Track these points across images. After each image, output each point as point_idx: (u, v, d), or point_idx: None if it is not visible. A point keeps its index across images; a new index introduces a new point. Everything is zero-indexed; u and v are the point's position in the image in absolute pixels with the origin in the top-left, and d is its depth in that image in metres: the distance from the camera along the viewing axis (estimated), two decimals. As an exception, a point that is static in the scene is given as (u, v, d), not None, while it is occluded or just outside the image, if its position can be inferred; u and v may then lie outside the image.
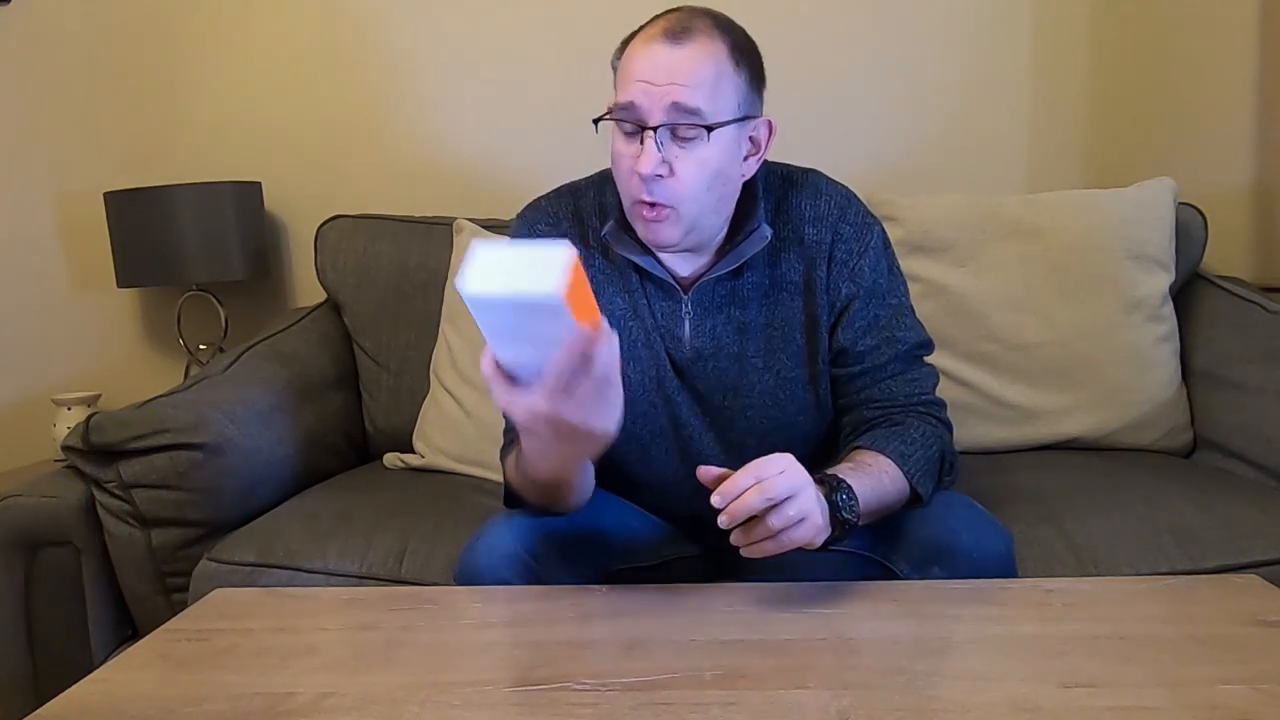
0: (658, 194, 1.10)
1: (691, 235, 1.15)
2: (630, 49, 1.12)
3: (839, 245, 1.20)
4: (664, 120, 1.08)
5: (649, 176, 1.09)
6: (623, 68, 1.12)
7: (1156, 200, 1.74)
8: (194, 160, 2.22)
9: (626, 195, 1.14)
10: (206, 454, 1.54)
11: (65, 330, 2.32)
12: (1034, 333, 1.71)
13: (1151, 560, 1.30)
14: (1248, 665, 0.82)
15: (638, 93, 1.09)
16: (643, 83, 1.08)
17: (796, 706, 0.78)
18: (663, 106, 1.08)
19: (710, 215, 1.15)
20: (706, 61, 1.09)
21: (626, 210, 1.16)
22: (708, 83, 1.08)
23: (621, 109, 1.10)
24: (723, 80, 1.10)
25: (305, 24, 2.20)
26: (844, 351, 1.21)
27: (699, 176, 1.10)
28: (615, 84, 1.15)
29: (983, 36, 2.06)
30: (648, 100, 1.08)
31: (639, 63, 1.10)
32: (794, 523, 0.95)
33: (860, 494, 1.03)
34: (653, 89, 1.08)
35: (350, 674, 0.88)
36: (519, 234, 1.26)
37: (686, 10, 1.13)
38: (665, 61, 1.08)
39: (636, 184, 1.10)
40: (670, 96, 1.07)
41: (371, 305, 1.96)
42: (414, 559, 1.41)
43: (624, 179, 1.13)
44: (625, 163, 1.12)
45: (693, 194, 1.11)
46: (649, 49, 1.09)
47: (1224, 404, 1.65)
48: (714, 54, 1.09)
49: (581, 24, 2.09)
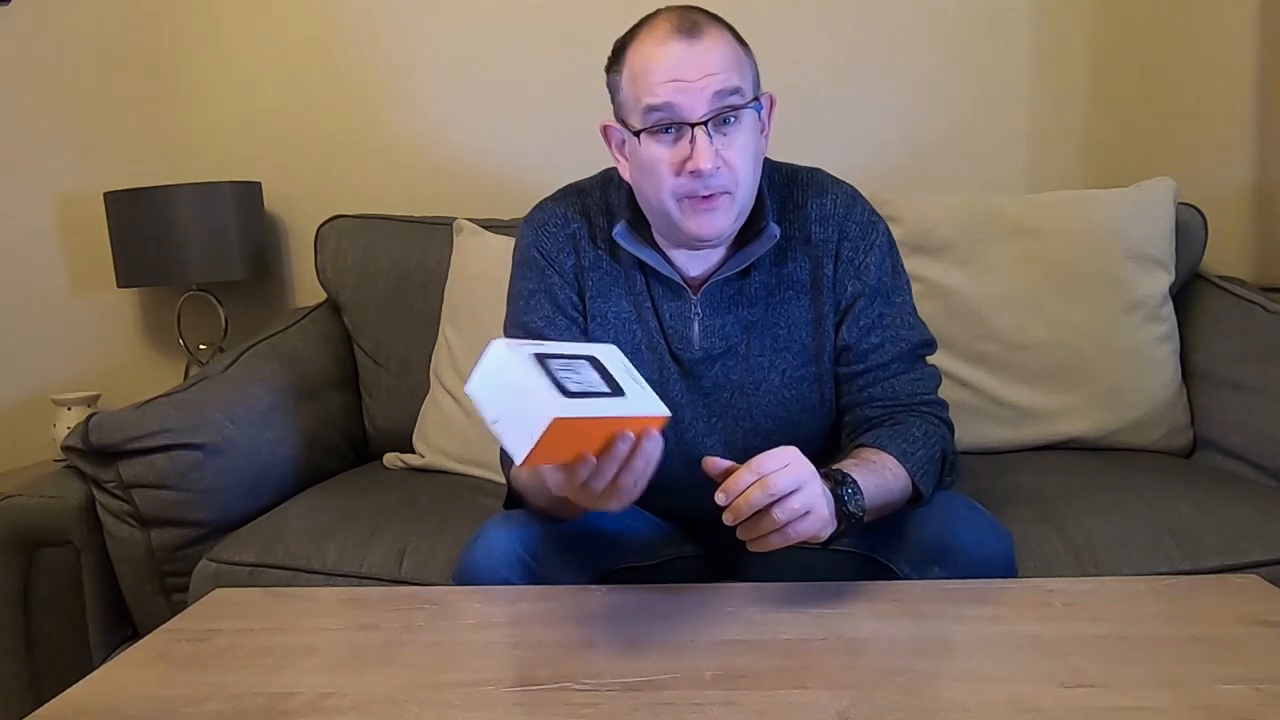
0: (714, 183, 1.10)
1: (738, 220, 1.16)
2: (636, 55, 1.11)
3: (845, 244, 1.20)
4: (709, 110, 1.08)
5: (709, 170, 1.09)
6: (639, 74, 1.11)
7: (1156, 200, 1.74)
8: (194, 160, 2.22)
9: (672, 196, 1.12)
10: (206, 454, 1.54)
11: (65, 330, 2.32)
12: (1034, 333, 1.71)
13: (1151, 560, 1.30)
14: (1248, 665, 0.82)
15: (672, 92, 1.08)
16: (675, 82, 1.08)
17: (796, 706, 0.78)
18: (704, 99, 1.08)
19: (752, 196, 1.16)
20: (727, 47, 1.11)
21: (669, 212, 1.13)
22: (735, 65, 1.11)
23: (657, 112, 1.09)
24: (743, 61, 1.13)
25: (305, 24, 2.20)
26: (848, 349, 1.21)
27: (745, 157, 1.12)
28: (624, 96, 1.14)
29: (983, 36, 2.06)
30: (685, 98, 1.08)
31: (661, 65, 1.09)
32: (799, 516, 0.94)
33: (865, 489, 1.03)
34: (689, 85, 1.08)
35: (350, 674, 0.88)
36: (528, 236, 1.26)
37: (680, 9, 1.13)
38: (692, 57, 1.08)
39: (687, 183, 1.10)
40: (710, 87, 1.08)
41: (371, 305, 1.96)
42: (414, 559, 1.41)
43: (666, 185, 1.12)
44: (665, 166, 1.11)
45: (745, 176, 1.12)
46: (667, 49, 1.09)
47: (1224, 404, 1.65)
48: (728, 39, 1.12)
49: (581, 24, 2.09)
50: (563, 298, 1.24)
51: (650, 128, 1.10)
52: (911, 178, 2.05)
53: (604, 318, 1.24)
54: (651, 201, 1.15)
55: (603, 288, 1.24)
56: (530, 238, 1.26)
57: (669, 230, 1.17)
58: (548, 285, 1.24)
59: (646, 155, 1.12)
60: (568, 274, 1.24)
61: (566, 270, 1.24)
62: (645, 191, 1.15)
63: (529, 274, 1.26)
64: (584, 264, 1.24)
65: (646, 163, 1.12)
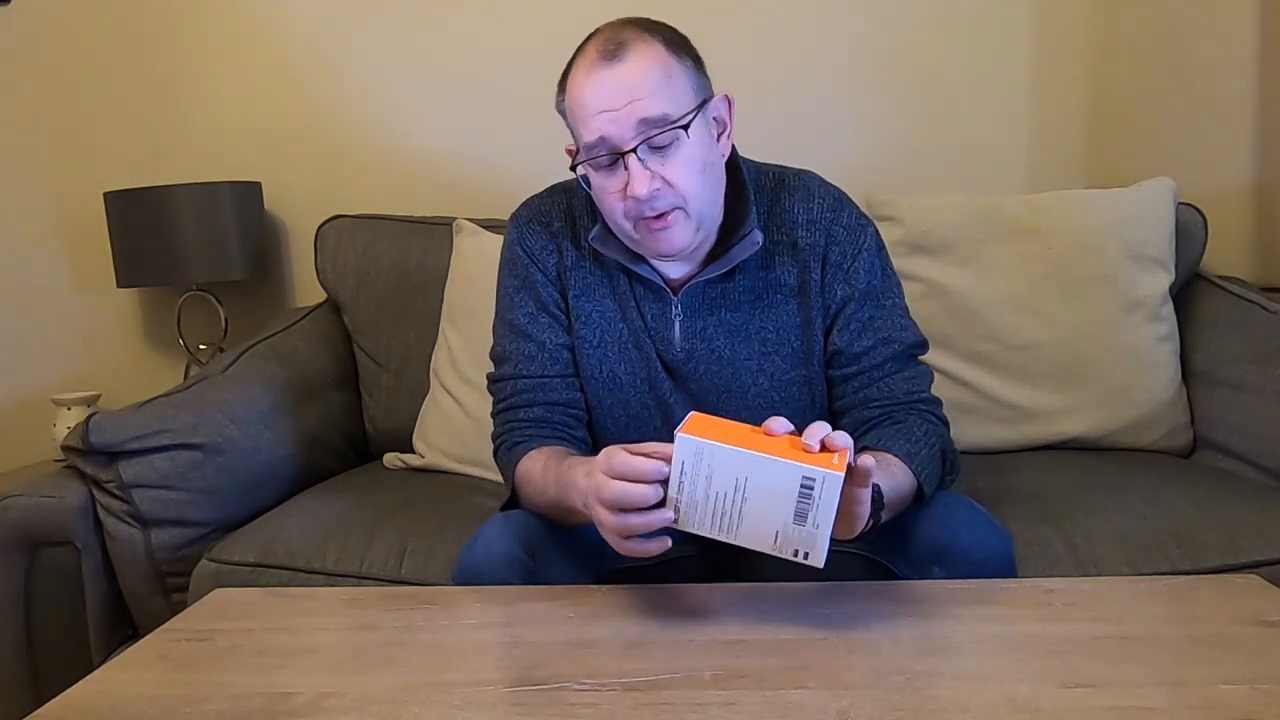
0: (660, 204, 1.10)
1: (700, 232, 1.15)
2: (572, 86, 1.12)
3: (833, 248, 1.20)
4: (637, 137, 1.08)
5: (647, 195, 1.08)
6: (574, 107, 1.11)
7: (1156, 200, 1.74)
8: (194, 160, 2.22)
9: (626, 223, 1.13)
10: (206, 454, 1.54)
11: (65, 330, 2.32)
12: (1034, 333, 1.71)
13: (1151, 560, 1.30)
14: (1248, 665, 0.82)
15: (604, 123, 1.08)
16: (604, 113, 1.08)
17: (796, 706, 0.78)
18: (631, 125, 1.08)
19: (710, 206, 1.16)
20: (652, 66, 1.09)
21: (628, 233, 1.15)
22: (662, 85, 1.08)
23: (592, 147, 1.10)
24: (673, 76, 1.10)
25: (305, 24, 2.20)
26: (840, 353, 1.21)
27: (690, 173, 1.11)
28: (571, 127, 1.14)
29: (983, 36, 2.06)
30: (615, 128, 1.08)
31: (589, 95, 1.09)
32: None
33: (885, 491, 1.03)
34: (615, 114, 1.07)
35: (350, 674, 0.88)
36: (513, 234, 1.27)
37: (609, 28, 1.12)
38: (614, 82, 1.08)
39: (634, 207, 1.10)
40: (635, 114, 1.07)
41: (371, 305, 1.96)
42: (414, 559, 1.41)
43: (618, 210, 1.13)
44: (613, 195, 1.12)
45: (693, 190, 1.11)
46: (592, 78, 1.09)
47: (1224, 404, 1.65)
48: (654, 55, 1.09)
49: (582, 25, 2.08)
50: (545, 295, 1.25)
51: (591, 159, 1.11)
52: (911, 178, 2.05)
53: (589, 317, 1.24)
54: (612, 224, 1.16)
55: (586, 287, 1.24)
56: (515, 235, 1.27)
57: (635, 246, 1.17)
58: (531, 283, 1.25)
59: (595, 185, 1.14)
60: (550, 272, 1.25)
61: (549, 268, 1.25)
62: (605, 214, 1.16)
63: (514, 271, 1.27)
64: (567, 263, 1.24)
65: (597, 191, 1.14)
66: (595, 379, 1.25)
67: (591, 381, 1.25)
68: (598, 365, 1.24)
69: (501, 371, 1.27)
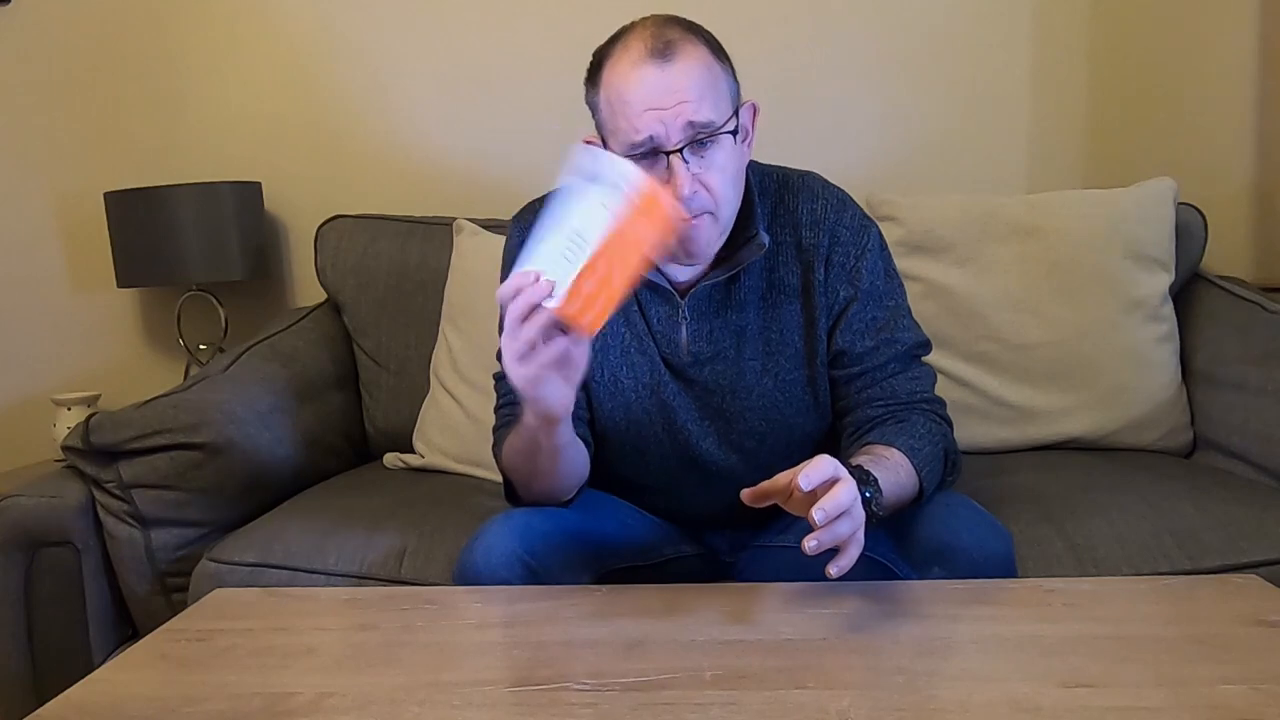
0: (694, 206, 1.10)
1: (721, 236, 1.16)
2: (614, 80, 1.10)
3: (836, 249, 1.20)
4: (683, 139, 1.07)
5: (688, 196, 1.08)
6: (615, 101, 1.10)
7: (1156, 200, 1.74)
8: (194, 160, 2.22)
9: None
10: (206, 454, 1.54)
11: (65, 330, 2.32)
12: (1034, 333, 1.71)
13: (1151, 560, 1.30)
14: (1248, 665, 0.82)
15: (651, 121, 1.07)
16: (651, 110, 1.07)
17: (796, 706, 0.78)
18: (679, 127, 1.07)
19: (734, 211, 1.16)
20: (701, 71, 1.09)
21: None
22: (708, 90, 1.08)
23: (637, 144, 1.08)
24: (718, 83, 1.10)
25: (305, 24, 2.20)
26: (843, 354, 1.21)
27: (724, 177, 1.11)
28: (604, 120, 1.13)
29: (983, 37, 2.06)
30: (662, 127, 1.07)
31: (635, 92, 1.08)
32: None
33: (885, 488, 1.03)
34: (664, 113, 1.07)
35: (350, 674, 0.88)
36: (515, 236, 1.27)
37: (653, 24, 1.11)
38: (665, 83, 1.07)
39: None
40: (683, 116, 1.07)
41: (371, 305, 1.96)
42: (414, 559, 1.41)
43: None
44: None
45: (725, 196, 1.12)
46: (639, 73, 1.08)
47: (1224, 404, 1.65)
48: (703, 60, 1.09)
49: (583, 26, 2.08)
50: None
51: (631, 154, 1.09)
52: (911, 178, 2.05)
53: None
54: None
55: None
56: (517, 236, 1.26)
57: None
58: None
59: None
60: None
61: None
62: None
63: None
64: None
65: None
66: (597, 382, 1.25)
67: (593, 385, 1.25)
68: (599, 369, 1.24)
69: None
